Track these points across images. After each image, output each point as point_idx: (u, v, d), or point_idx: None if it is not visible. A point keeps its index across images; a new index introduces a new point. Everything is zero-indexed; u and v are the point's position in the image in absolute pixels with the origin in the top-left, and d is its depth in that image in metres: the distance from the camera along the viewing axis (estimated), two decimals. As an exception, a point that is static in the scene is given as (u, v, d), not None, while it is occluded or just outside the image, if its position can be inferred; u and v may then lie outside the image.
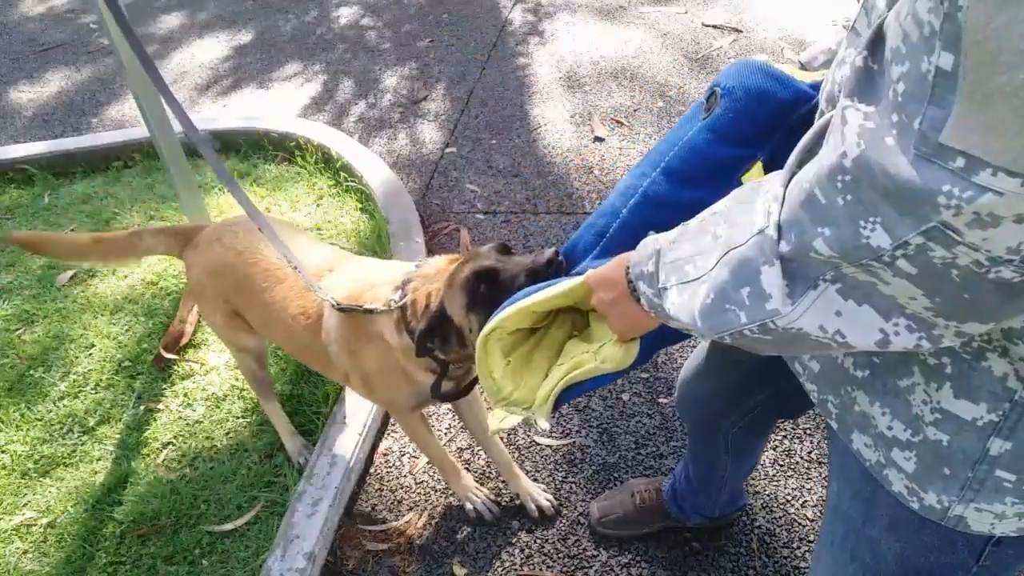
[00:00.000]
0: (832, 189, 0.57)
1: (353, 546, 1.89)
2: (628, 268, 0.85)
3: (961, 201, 0.49)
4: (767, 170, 0.99)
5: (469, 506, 1.90)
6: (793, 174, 0.65)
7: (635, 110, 3.49)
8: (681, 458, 1.99)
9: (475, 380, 1.58)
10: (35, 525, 1.95)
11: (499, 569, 1.80)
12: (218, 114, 3.85)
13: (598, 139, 3.31)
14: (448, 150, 3.38)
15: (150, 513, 1.94)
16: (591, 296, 0.95)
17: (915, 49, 0.50)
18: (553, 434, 2.10)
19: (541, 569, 1.79)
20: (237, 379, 2.28)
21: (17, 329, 2.54)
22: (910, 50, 0.51)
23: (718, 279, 0.69)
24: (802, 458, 1.96)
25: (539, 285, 1.03)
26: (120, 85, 4.23)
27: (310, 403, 2.17)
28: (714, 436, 1.47)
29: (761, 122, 0.97)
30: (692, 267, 0.73)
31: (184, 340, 2.40)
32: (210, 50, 4.53)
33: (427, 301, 1.40)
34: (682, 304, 0.75)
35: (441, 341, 1.39)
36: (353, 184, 3.04)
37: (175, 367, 2.34)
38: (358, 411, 2.10)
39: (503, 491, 1.96)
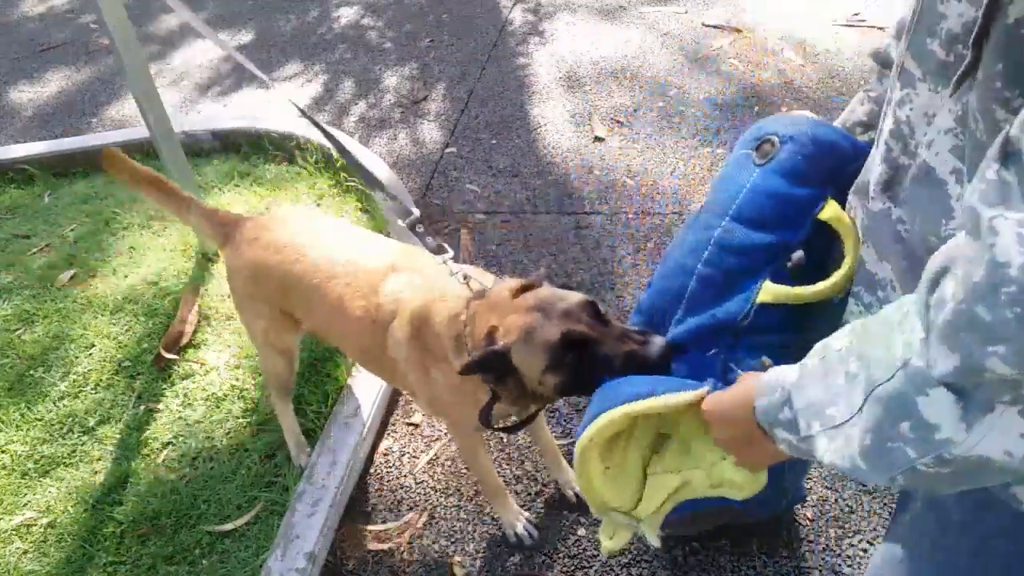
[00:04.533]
0: (996, 303, 0.53)
1: (353, 546, 1.89)
2: (755, 410, 0.82)
3: None
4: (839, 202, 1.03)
5: (511, 531, 1.83)
6: (926, 302, 0.62)
7: (635, 110, 3.49)
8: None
9: (532, 416, 1.55)
10: (35, 525, 1.95)
11: (499, 569, 1.80)
12: (218, 114, 3.85)
13: (598, 139, 3.31)
14: (448, 150, 3.38)
15: (150, 513, 1.94)
16: (696, 408, 0.93)
17: None
18: (553, 434, 2.10)
19: (541, 569, 1.79)
20: (237, 379, 2.28)
21: (17, 329, 2.54)
22: None
23: (872, 418, 0.66)
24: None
25: (643, 381, 0.99)
26: (120, 85, 4.24)
27: (310, 403, 2.17)
28: None
29: (826, 168, 1.02)
30: (835, 410, 0.70)
31: (184, 340, 2.40)
32: (210, 50, 4.53)
33: (489, 331, 1.29)
34: (837, 450, 0.71)
35: (493, 379, 1.32)
36: (353, 184, 3.04)
37: (175, 367, 2.34)
38: (358, 411, 2.10)
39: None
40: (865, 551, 1.75)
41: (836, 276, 1.00)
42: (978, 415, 0.59)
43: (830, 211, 1.00)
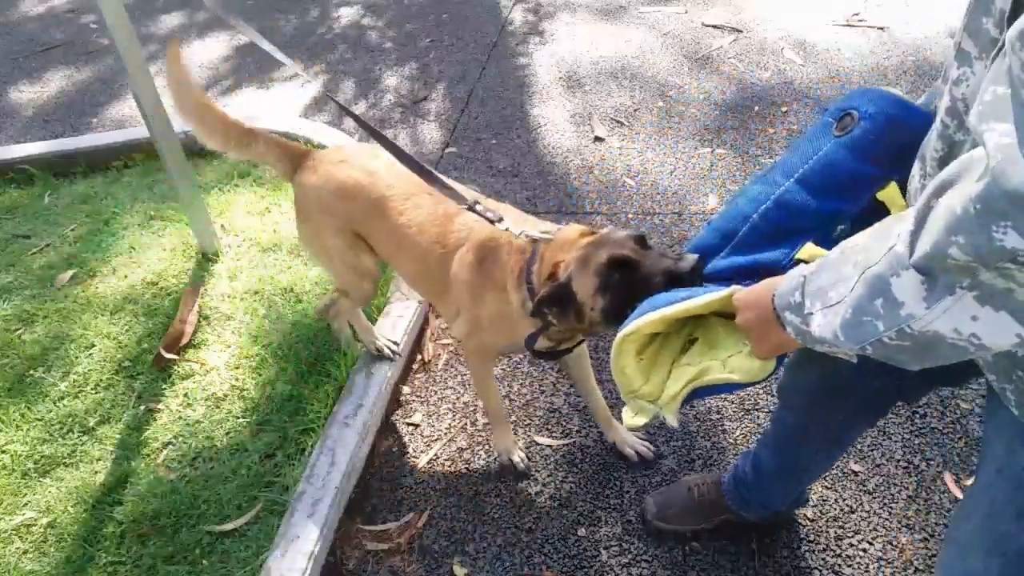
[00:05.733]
0: (967, 202, 0.62)
1: (353, 546, 1.89)
2: (774, 296, 0.92)
3: None
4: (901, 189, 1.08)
5: (506, 458, 1.99)
6: (928, 202, 0.70)
7: (635, 110, 3.49)
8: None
9: (569, 349, 1.71)
10: (35, 525, 1.95)
11: (499, 569, 1.80)
12: (218, 114, 3.85)
13: (598, 139, 3.31)
14: (448, 150, 3.38)
15: (150, 513, 1.94)
16: (728, 307, 1.04)
17: None
18: (553, 434, 2.10)
19: (541, 569, 1.79)
20: (237, 379, 2.28)
21: (17, 329, 2.54)
22: None
23: (856, 296, 0.77)
24: (802, 458, 1.96)
25: (680, 292, 1.11)
26: (120, 85, 4.24)
27: (310, 403, 2.17)
28: (819, 426, 1.45)
29: (897, 148, 1.05)
30: (835, 292, 0.81)
31: (184, 340, 2.40)
32: (210, 50, 4.53)
33: (554, 269, 1.45)
34: (826, 324, 0.82)
35: (558, 311, 1.45)
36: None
37: (175, 367, 2.34)
38: (358, 411, 2.10)
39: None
40: (865, 551, 1.75)
41: None
42: (938, 297, 0.69)
43: (889, 192, 1.07)
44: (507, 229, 1.56)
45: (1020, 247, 0.59)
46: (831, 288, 0.82)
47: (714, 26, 4.12)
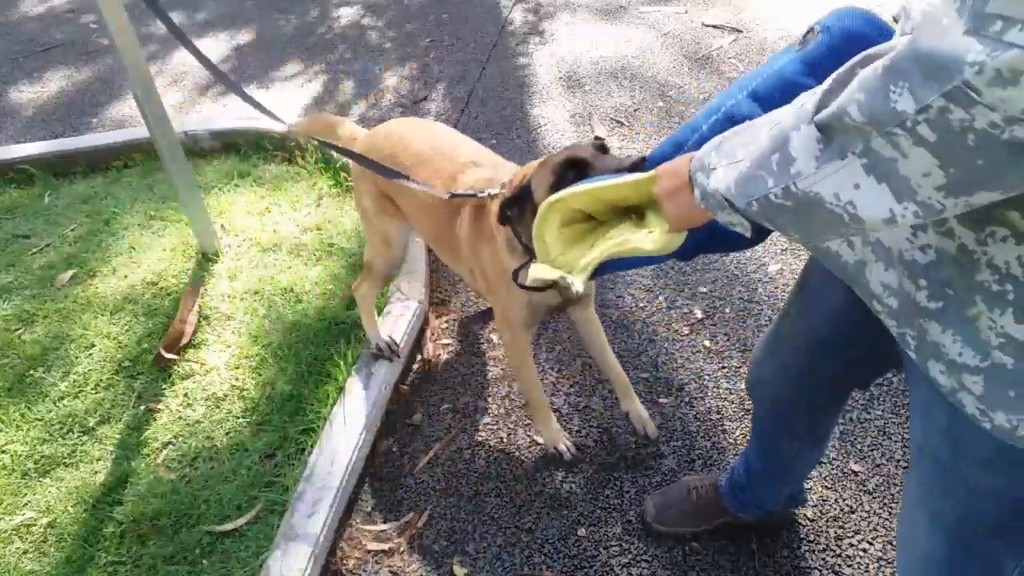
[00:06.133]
0: (878, 64, 0.62)
1: (353, 546, 1.89)
2: (691, 159, 0.91)
3: (986, 58, 0.53)
4: None
5: (553, 448, 2.00)
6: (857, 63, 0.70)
7: (635, 110, 3.49)
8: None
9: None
10: (35, 525, 1.95)
11: (499, 569, 1.80)
12: (218, 114, 3.85)
13: (598, 139, 3.31)
14: (448, 150, 3.38)
15: (150, 513, 1.94)
16: (653, 194, 1.03)
17: None
18: (553, 434, 2.10)
19: (541, 569, 1.79)
20: (237, 379, 2.29)
21: (17, 329, 2.54)
22: None
23: (757, 151, 0.77)
24: (802, 458, 1.96)
25: (613, 175, 1.12)
26: (120, 85, 4.24)
27: (310, 403, 2.17)
28: (787, 417, 1.47)
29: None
30: (743, 151, 0.80)
31: (184, 340, 2.40)
32: (210, 50, 4.53)
33: (520, 180, 1.53)
34: (723, 178, 0.82)
35: (518, 211, 1.50)
36: (353, 184, 3.04)
37: (175, 367, 2.34)
38: (358, 411, 2.10)
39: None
40: (865, 551, 1.75)
41: None
42: (829, 158, 0.69)
43: None
44: (490, 193, 1.64)
45: (909, 110, 0.59)
46: (741, 147, 0.81)
47: (714, 26, 4.12)
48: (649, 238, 1.05)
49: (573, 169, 1.35)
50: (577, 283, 1.13)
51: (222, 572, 1.80)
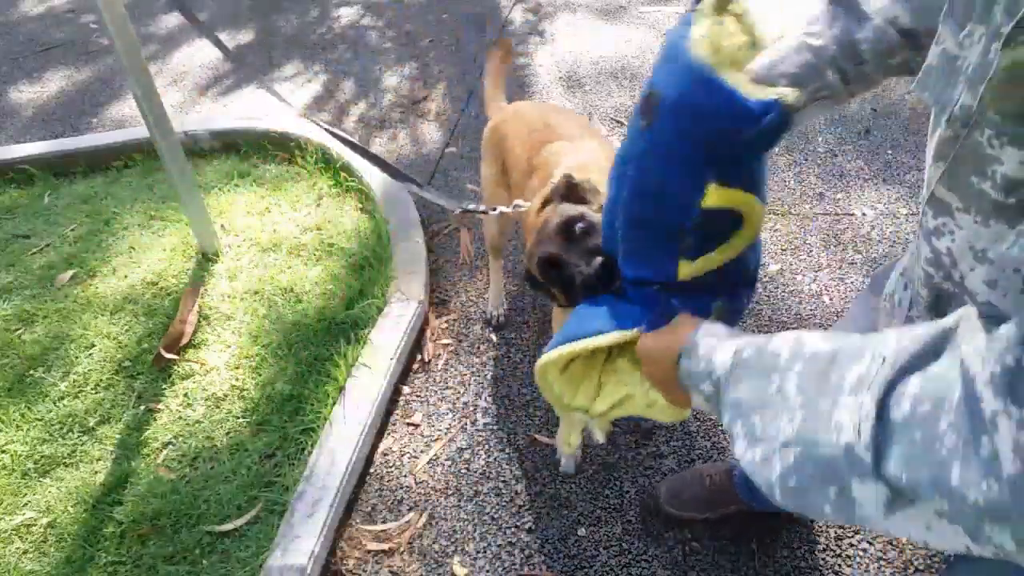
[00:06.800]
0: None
1: (353, 546, 1.89)
2: (678, 367, 0.84)
3: None
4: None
5: (559, 456, 2.00)
6: (891, 384, 0.59)
7: (635, 110, 3.49)
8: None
9: None
10: (35, 525, 1.95)
11: (499, 569, 1.80)
12: (218, 114, 3.85)
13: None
14: (448, 150, 3.38)
15: (150, 513, 1.94)
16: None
17: None
18: (553, 434, 2.10)
19: (541, 569, 1.79)
20: (237, 379, 2.28)
21: (17, 329, 2.54)
22: None
23: (800, 465, 0.66)
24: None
25: (592, 321, 1.10)
26: (120, 85, 4.23)
27: (310, 403, 2.17)
28: None
29: (701, 142, 0.92)
30: (759, 421, 0.70)
31: (184, 340, 2.40)
32: (210, 50, 4.52)
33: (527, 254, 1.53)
34: (756, 467, 0.72)
35: (545, 291, 1.50)
36: (353, 184, 3.04)
37: (175, 367, 2.34)
38: (358, 411, 2.10)
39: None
40: (865, 551, 1.75)
41: (732, 240, 1.02)
42: (900, 506, 0.59)
43: (714, 198, 0.95)
44: (500, 211, 1.71)
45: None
46: (754, 412, 0.71)
47: (714, 26, 4.11)
48: (653, 402, 1.06)
49: (552, 269, 1.36)
50: (599, 435, 1.17)
51: (222, 572, 1.80)
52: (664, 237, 1.02)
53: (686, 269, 1.02)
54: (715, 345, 0.81)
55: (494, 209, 1.73)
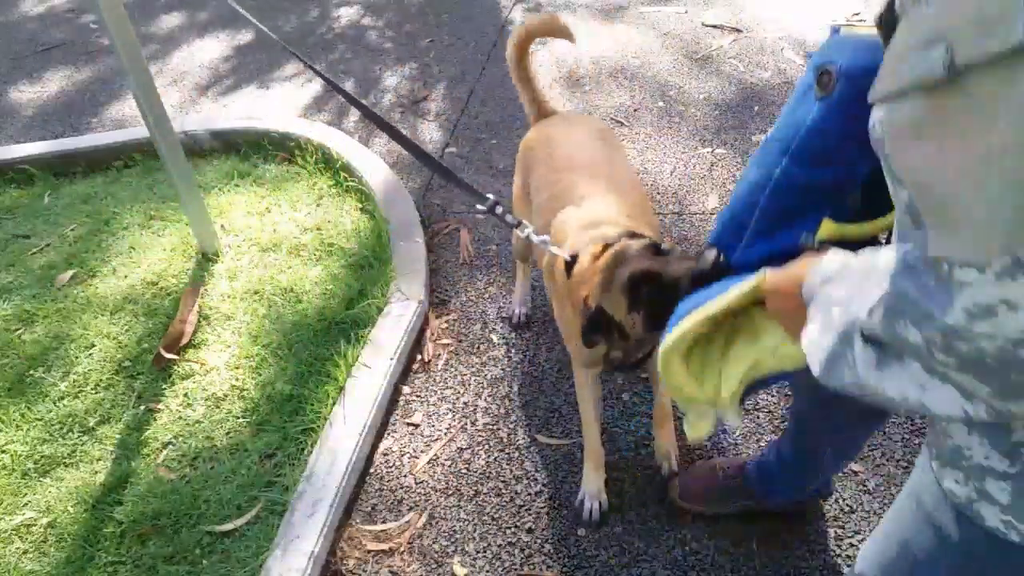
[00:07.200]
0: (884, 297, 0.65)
1: (353, 546, 1.89)
2: (802, 287, 0.88)
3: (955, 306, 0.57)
4: None
5: (578, 500, 1.89)
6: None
7: (635, 110, 3.49)
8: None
9: (644, 357, 1.64)
10: (35, 525, 1.95)
11: (499, 569, 1.80)
12: (218, 114, 3.85)
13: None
14: (448, 150, 3.38)
15: (150, 513, 1.94)
16: (760, 296, 1.00)
17: None
18: (553, 434, 2.10)
19: (541, 569, 1.79)
20: (237, 379, 2.29)
21: (17, 329, 2.54)
22: None
23: (838, 336, 0.76)
24: (802, 458, 1.96)
25: (711, 289, 1.07)
26: (120, 85, 4.23)
27: (310, 403, 2.17)
28: (824, 410, 1.44)
29: None
30: (838, 312, 0.77)
31: (184, 340, 2.40)
32: (210, 50, 4.53)
33: (584, 300, 1.47)
34: (815, 346, 0.80)
35: (605, 335, 1.46)
36: (353, 184, 3.04)
37: (175, 367, 2.34)
38: (358, 411, 2.10)
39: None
40: (865, 551, 1.75)
41: (886, 218, 1.05)
42: (888, 363, 0.70)
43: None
44: (529, 236, 1.65)
45: (920, 343, 0.61)
46: (836, 303, 0.79)
47: (714, 26, 4.11)
48: (787, 354, 1.03)
49: (643, 284, 1.32)
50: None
51: (222, 572, 1.80)
52: (821, 199, 1.07)
53: (828, 227, 1.06)
54: (834, 258, 0.85)
55: (517, 225, 1.68)
